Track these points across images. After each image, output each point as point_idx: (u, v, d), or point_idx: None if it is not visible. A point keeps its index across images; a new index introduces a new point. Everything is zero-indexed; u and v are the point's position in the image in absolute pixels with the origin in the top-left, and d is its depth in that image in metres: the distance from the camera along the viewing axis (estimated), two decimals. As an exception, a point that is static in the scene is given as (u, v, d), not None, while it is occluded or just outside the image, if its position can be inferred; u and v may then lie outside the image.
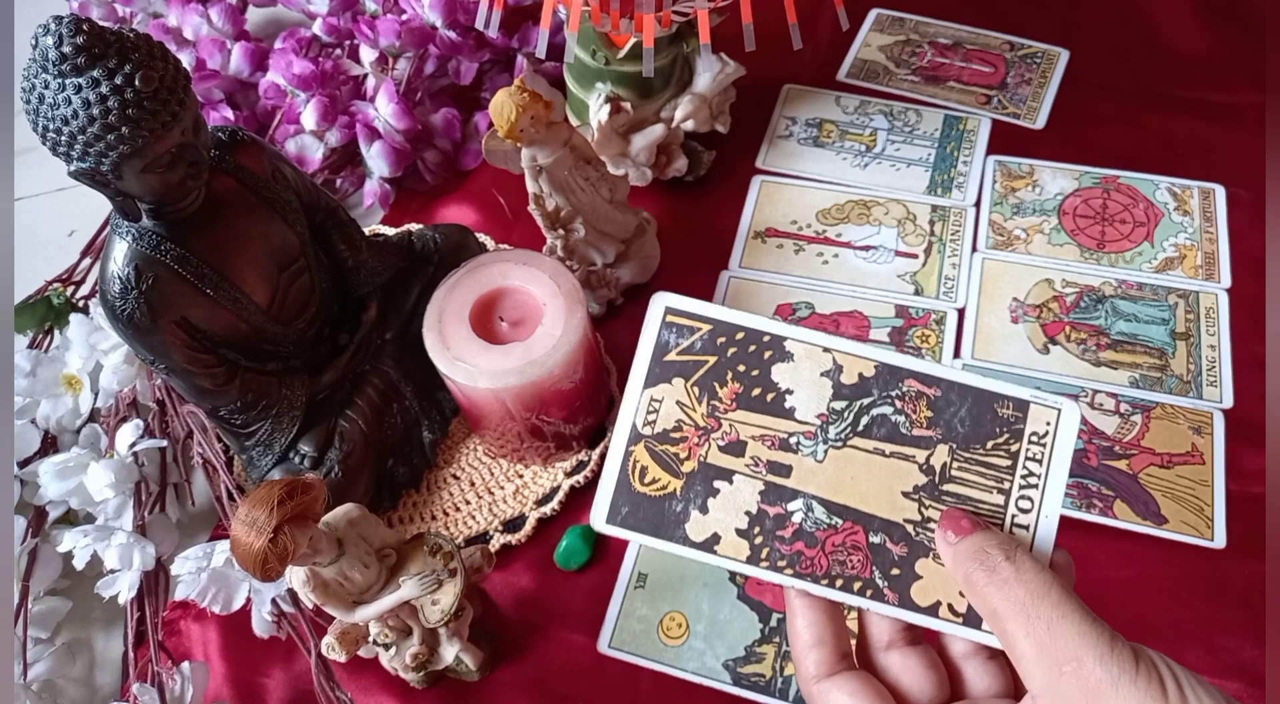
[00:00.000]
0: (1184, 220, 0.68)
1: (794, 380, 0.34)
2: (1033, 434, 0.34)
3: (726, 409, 0.34)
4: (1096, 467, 0.58)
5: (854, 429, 0.34)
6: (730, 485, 0.33)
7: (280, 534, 0.40)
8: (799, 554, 0.33)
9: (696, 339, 0.35)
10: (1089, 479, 0.58)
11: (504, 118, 0.54)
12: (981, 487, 0.33)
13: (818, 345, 0.34)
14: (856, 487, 0.33)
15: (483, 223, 0.72)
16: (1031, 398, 0.35)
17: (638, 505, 0.33)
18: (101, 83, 0.41)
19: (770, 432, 0.34)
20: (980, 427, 0.34)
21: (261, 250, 0.52)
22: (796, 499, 0.33)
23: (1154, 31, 0.79)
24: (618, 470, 0.34)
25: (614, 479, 0.33)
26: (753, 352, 0.35)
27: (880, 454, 0.33)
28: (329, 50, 0.79)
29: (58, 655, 0.56)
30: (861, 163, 0.73)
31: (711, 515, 0.33)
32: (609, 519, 0.33)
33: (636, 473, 0.33)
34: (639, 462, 0.33)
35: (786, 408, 0.34)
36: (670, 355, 0.35)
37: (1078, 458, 0.58)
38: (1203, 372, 0.61)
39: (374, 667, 0.53)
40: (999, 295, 0.65)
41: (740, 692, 0.53)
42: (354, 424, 0.57)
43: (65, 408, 0.62)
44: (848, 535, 0.33)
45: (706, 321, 0.35)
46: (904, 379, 0.34)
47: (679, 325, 0.35)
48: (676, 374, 0.34)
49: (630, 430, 0.34)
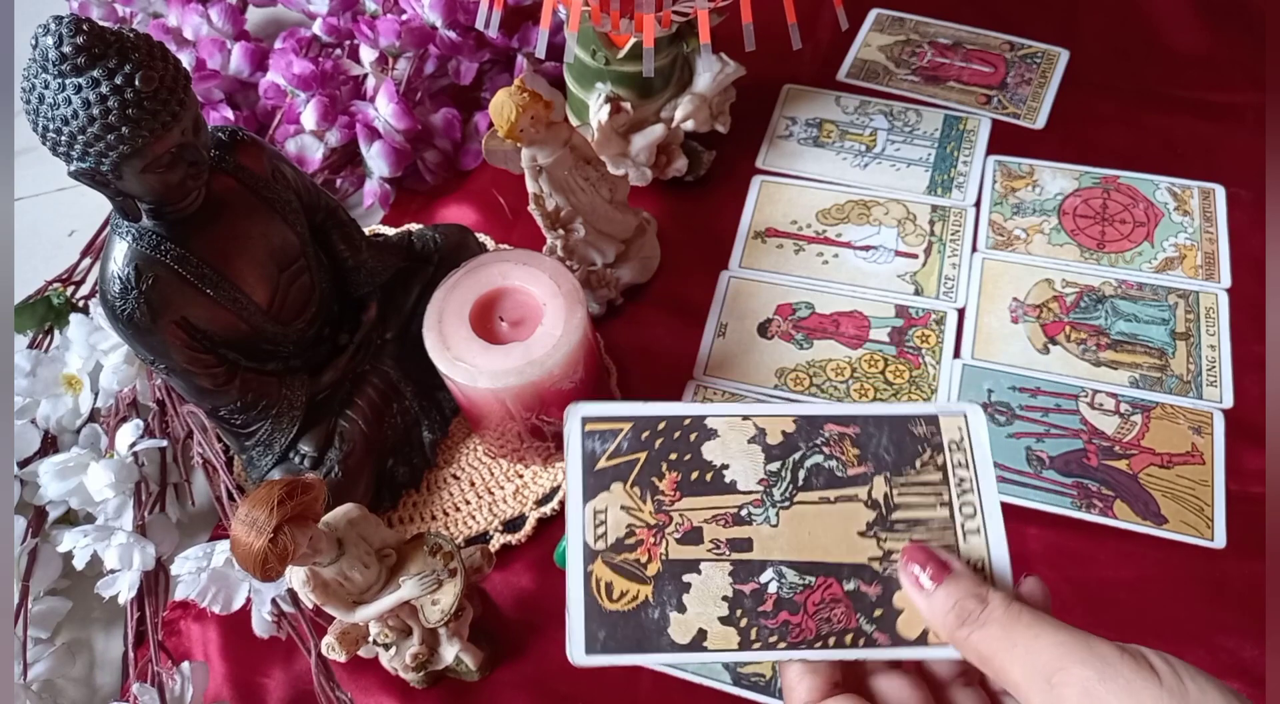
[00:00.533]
0: (1184, 220, 0.68)
1: (725, 454, 0.34)
2: (950, 443, 0.35)
3: (672, 500, 0.34)
4: (1096, 466, 0.58)
5: (795, 485, 0.34)
6: (700, 576, 0.33)
7: (280, 534, 0.40)
8: (786, 625, 0.32)
9: (621, 440, 0.34)
10: (1089, 479, 0.58)
11: (504, 118, 0.54)
12: (925, 505, 0.34)
13: (736, 415, 0.35)
14: (816, 540, 0.33)
15: (483, 223, 0.72)
16: (938, 410, 0.36)
17: (614, 626, 0.32)
18: (101, 83, 0.41)
19: (720, 510, 0.34)
20: (904, 450, 0.35)
21: (261, 250, 0.52)
22: (766, 570, 0.33)
23: (1154, 31, 0.79)
24: (583, 595, 0.32)
25: (581, 605, 0.32)
26: (678, 438, 0.35)
27: (826, 502, 0.34)
28: (329, 50, 0.79)
29: (58, 655, 0.56)
30: (861, 163, 0.73)
31: (691, 611, 0.32)
32: (589, 650, 0.32)
33: (603, 591, 0.32)
34: (601, 579, 0.32)
35: (728, 483, 0.34)
36: (601, 463, 0.34)
37: (1077, 457, 0.58)
38: (1203, 371, 0.61)
39: (374, 667, 0.53)
40: (999, 295, 0.66)
41: (740, 691, 0.53)
42: (354, 424, 0.57)
43: (65, 408, 0.62)
44: (824, 591, 0.33)
45: (626, 420, 0.35)
46: (823, 425, 0.35)
47: (600, 431, 0.35)
48: (613, 479, 0.34)
49: (583, 550, 0.33)
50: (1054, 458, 0.58)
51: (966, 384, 0.62)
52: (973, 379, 0.62)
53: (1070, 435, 0.59)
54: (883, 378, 0.62)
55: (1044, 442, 0.59)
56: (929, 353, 0.63)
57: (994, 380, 0.62)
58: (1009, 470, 0.58)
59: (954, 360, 0.63)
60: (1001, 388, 0.61)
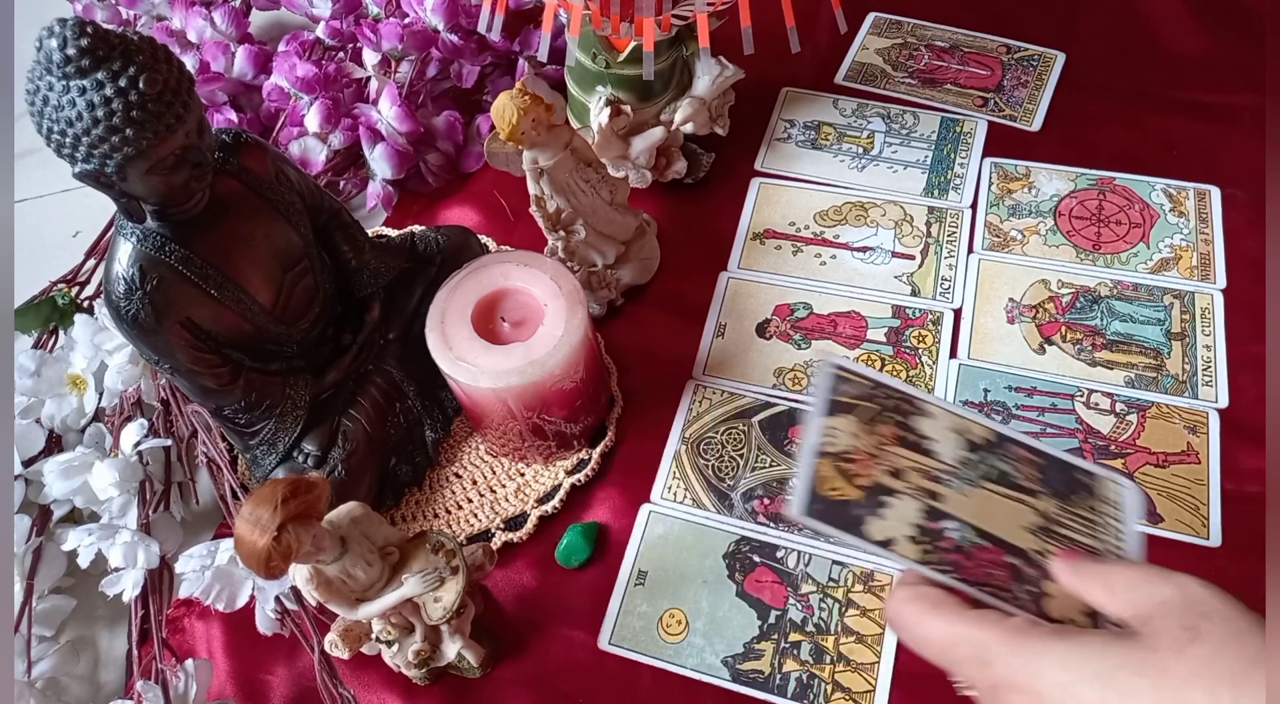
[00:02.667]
0: (1179, 221, 0.69)
1: (935, 432, 0.42)
2: (1104, 497, 0.42)
3: (887, 444, 0.41)
4: None
5: (982, 475, 0.41)
6: (898, 501, 0.40)
7: (284, 532, 0.40)
8: (958, 563, 0.38)
9: (861, 391, 0.43)
10: None
11: (505, 120, 0.55)
12: (1080, 531, 0.41)
13: (951, 411, 0.43)
14: (992, 517, 0.40)
15: (484, 224, 0.72)
16: (1095, 471, 0.43)
17: (826, 504, 0.39)
18: (106, 85, 0.42)
19: (922, 466, 0.41)
20: (1071, 487, 0.42)
21: (265, 251, 0.53)
22: (950, 520, 0.40)
23: (1150, 34, 0.80)
24: (810, 475, 0.40)
25: (807, 481, 0.40)
26: (902, 407, 0.43)
27: (1005, 496, 0.41)
28: (332, 53, 0.79)
29: (62, 653, 0.56)
30: (859, 165, 0.73)
31: (887, 522, 0.39)
32: (806, 512, 0.39)
33: (821, 481, 0.40)
34: (823, 472, 0.40)
35: (932, 452, 0.41)
36: (841, 398, 0.42)
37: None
38: (1198, 371, 0.62)
39: (376, 664, 0.54)
40: (995, 296, 0.66)
41: (739, 688, 0.53)
42: (357, 423, 0.58)
43: (70, 407, 0.63)
44: (992, 554, 0.39)
45: (868, 380, 0.43)
46: (1014, 446, 0.43)
47: (846, 378, 0.43)
48: (846, 411, 0.42)
49: (814, 448, 0.40)
50: (1050, 457, 0.59)
51: (963, 384, 0.62)
52: (969, 379, 0.62)
53: (1066, 435, 0.60)
54: (880, 378, 0.63)
55: (1040, 441, 0.59)
56: (926, 353, 0.64)
57: (990, 380, 0.62)
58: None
59: (950, 360, 0.63)
60: (998, 387, 0.62)
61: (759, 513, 0.58)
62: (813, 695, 0.52)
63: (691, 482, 0.60)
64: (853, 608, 0.55)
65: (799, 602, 0.55)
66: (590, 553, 0.57)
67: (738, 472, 0.60)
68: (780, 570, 0.56)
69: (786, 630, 0.54)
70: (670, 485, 0.60)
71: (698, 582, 0.56)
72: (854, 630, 0.54)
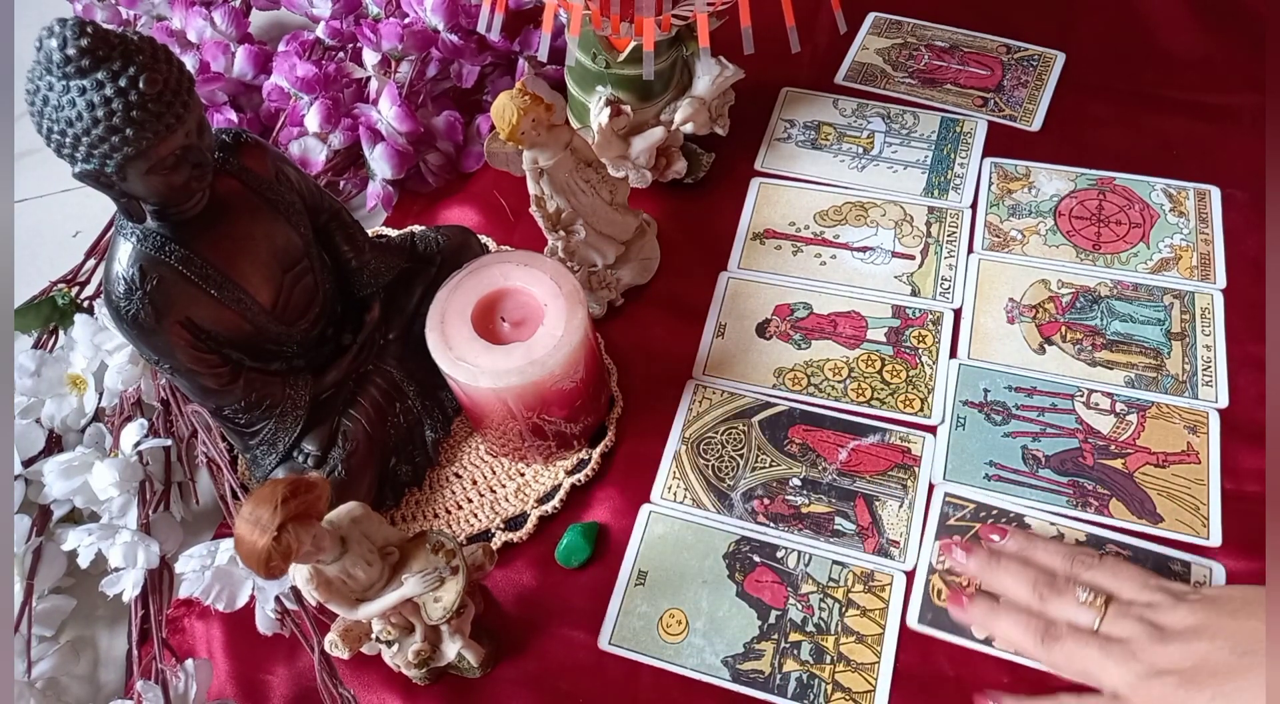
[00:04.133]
0: (1179, 221, 0.69)
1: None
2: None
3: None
4: (1092, 465, 0.58)
5: None
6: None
7: (284, 532, 0.40)
8: None
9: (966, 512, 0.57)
10: (1084, 478, 0.58)
11: (505, 120, 0.55)
12: None
13: (1045, 521, 0.57)
14: None
15: (484, 224, 0.72)
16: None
17: (938, 614, 0.54)
18: (106, 85, 0.42)
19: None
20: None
21: (265, 251, 0.53)
22: None
23: (1150, 34, 0.80)
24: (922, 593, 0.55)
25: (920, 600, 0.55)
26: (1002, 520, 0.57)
27: None
28: (332, 53, 0.79)
29: (62, 653, 0.56)
30: (859, 165, 0.73)
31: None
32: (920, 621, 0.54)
33: (935, 593, 0.55)
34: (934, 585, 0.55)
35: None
36: (950, 521, 0.57)
37: (1073, 456, 0.59)
38: (1198, 371, 0.62)
39: (376, 663, 0.54)
40: (995, 296, 0.66)
41: (739, 688, 0.53)
42: (357, 423, 0.58)
43: (70, 407, 0.63)
44: None
45: (973, 503, 0.58)
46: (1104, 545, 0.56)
47: (955, 504, 0.58)
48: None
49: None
50: (1050, 457, 0.59)
51: (963, 384, 0.62)
52: (969, 379, 0.62)
53: (1066, 435, 0.60)
54: (880, 378, 0.63)
55: (1040, 441, 0.60)
56: (926, 353, 0.64)
57: (990, 380, 0.62)
58: (1005, 469, 0.59)
59: (950, 360, 0.63)
60: (998, 387, 0.62)
61: (759, 513, 0.58)
62: (813, 695, 0.52)
63: (691, 482, 0.60)
64: (853, 608, 0.55)
65: (799, 602, 0.55)
66: (590, 553, 0.57)
67: (738, 472, 0.60)
68: (780, 570, 0.56)
69: (786, 630, 0.54)
70: (670, 485, 0.60)
71: (698, 582, 0.56)
72: (854, 630, 0.54)
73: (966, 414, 0.61)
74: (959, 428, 0.60)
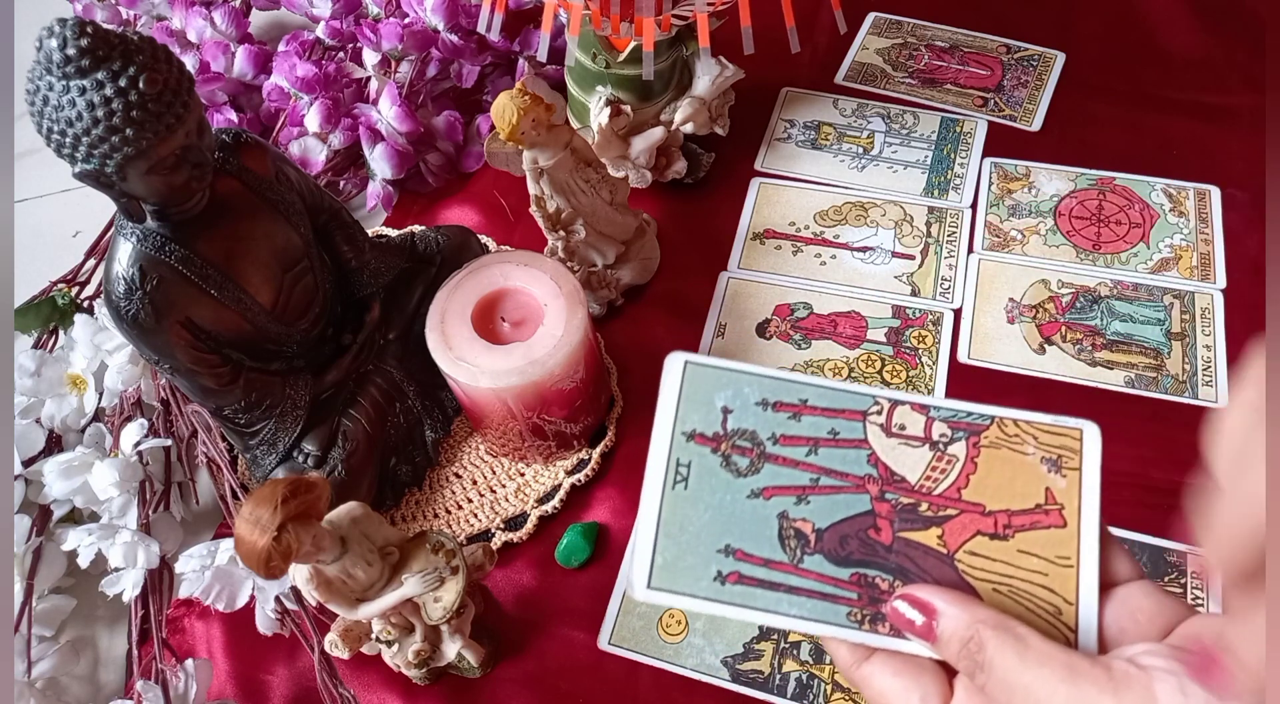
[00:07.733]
0: (1179, 221, 0.69)
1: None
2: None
3: None
4: (890, 543, 0.57)
5: None
6: None
7: (284, 532, 0.40)
8: None
9: None
10: (876, 568, 0.56)
11: (505, 120, 0.55)
12: None
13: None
14: None
15: (484, 224, 0.72)
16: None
17: None
18: (106, 85, 0.42)
19: None
20: None
21: (265, 251, 0.53)
22: None
23: (1150, 34, 0.80)
24: None
25: None
26: None
27: None
28: (332, 53, 0.79)
29: (62, 653, 0.56)
30: (859, 165, 0.74)
31: None
32: None
33: None
34: None
35: None
36: None
37: (861, 527, 0.44)
38: (1198, 371, 0.62)
39: (376, 663, 0.54)
40: (995, 296, 0.66)
41: (739, 688, 0.53)
42: (357, 423, 0.58)
43: (70, 407, 0.63)
44: None
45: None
46: None
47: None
48: None
49: None
50: (823, 532, 0.51)
51: (688, 399, 0.61)
52: (701, 388, 0.60)
53: (852, 488, 0.41)
54: (880, 378, 0.63)
55: (808, 502, 0.56)
56: (926, 353, 0.64)
57: (734, 388, 0.60)
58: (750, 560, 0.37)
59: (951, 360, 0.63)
60: (746, 403, 0.60)
61: (759, 513, 0.58)
62: (812, 696, 0.52)
63: (691, 482, 0.59)
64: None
65: (799, 602, 0.55)
66: (590, 553, 0.57)
67: (737, 472, 0.60)
68: (780, 570, 0.56)
69: (786, 630, 0.54)
70: (670, 485, 0.59)
71: (697, 582, 0.56)
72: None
73: (692, 458, 0.35)
74: (679, 484, 0.36)
